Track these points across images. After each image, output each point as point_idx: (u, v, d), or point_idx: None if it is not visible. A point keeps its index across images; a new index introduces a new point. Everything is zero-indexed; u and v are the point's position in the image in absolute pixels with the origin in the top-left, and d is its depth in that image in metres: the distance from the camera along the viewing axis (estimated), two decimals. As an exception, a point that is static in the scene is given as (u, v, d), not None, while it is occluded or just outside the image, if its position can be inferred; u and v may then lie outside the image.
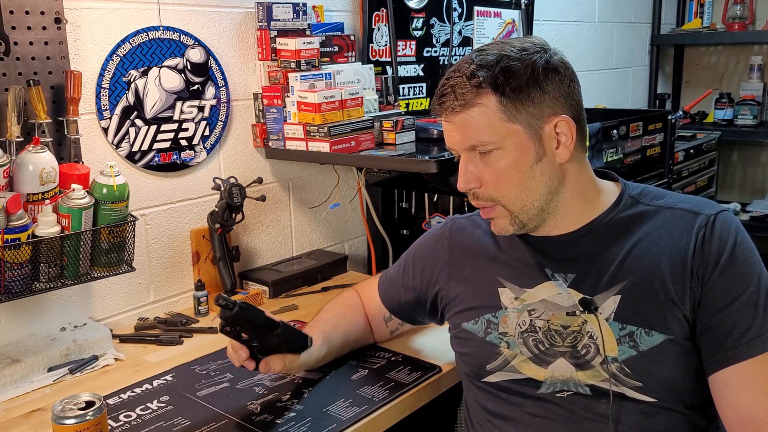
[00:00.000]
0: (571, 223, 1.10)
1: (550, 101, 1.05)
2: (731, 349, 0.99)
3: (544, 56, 1.05)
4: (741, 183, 3.89)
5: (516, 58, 1.03)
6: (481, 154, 1.06)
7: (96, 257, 1.39)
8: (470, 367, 1.17)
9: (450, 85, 1.05)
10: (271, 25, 1.74)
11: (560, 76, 1.06)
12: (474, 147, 1.06)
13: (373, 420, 1.18)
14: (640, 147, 2.32)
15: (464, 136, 1.06)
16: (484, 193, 1.09)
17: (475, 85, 1.03)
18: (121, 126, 1.56)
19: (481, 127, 1.04)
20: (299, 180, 1.97)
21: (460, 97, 1.04)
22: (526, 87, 1.03)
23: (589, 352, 1.05)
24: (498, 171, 1.06)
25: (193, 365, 1.38)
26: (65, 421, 0.97)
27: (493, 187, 1.07)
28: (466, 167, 1.08)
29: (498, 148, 1.04)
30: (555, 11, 2.97)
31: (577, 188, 1.10)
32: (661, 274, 1.03)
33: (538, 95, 1.03)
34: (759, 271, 1.02)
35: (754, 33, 3.60)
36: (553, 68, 1.05)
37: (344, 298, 1.42)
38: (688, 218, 1.06)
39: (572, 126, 1.06)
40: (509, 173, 1.05)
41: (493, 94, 1.02)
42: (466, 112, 1.04)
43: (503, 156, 1.05)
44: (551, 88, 1.04)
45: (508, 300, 1.13)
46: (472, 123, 1.04)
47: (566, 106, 1.06)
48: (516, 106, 1.03)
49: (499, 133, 1.03)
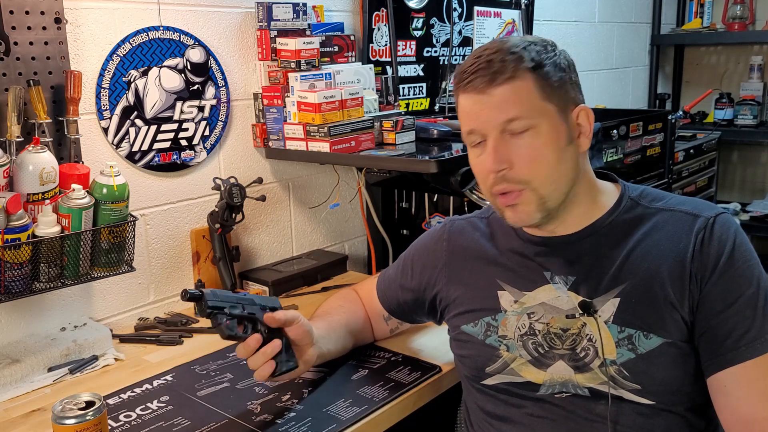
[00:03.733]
0: (574, 222, 1.10)
1: (574, 91, 1.07)
2: (730, 351, 0.99)
3: (562, 51, 1.08)
4: (741, 183, 3.89)
5: (545, 48, 1.05)
6: (512, 135, 1.02)
7: (96, 257, 1.39)
8: (469, 370, 1.17)
9: (486, 60, 1.02)
10: (271, 25, 1.74)
11: (575, 73, 1.09)
12: (510, 121, 1.01)
13: (373, 420, 1.18)
14: (640, 147, 2.32)
15: (500, 111, 1.01)
16: (515, 176, 1.03)
17: (515, 60, 1.01)
18: (121, 126, 1.56)
19: (521, 101, 1.01)
20: (299, 180, 1.97)
21: (500, 70, 1.01)
22: (559, 71, 1.05)
23: (588, 354, 1.05)
24: (533, 149, 1.02)
25: (193, 365, 1.38)
26: (65, 421, 0.97)
27: (526, 167, 1.03)
28: (496, 147, 1.03)
29: (532, 127, 1.02)
30: (555, 11, 2.97)
31: (587, 184, 1.10)
32: (660, 277, 1.03)
33: (568, 81, 1.06)
34: (758, 273, 1.02)
35: (754, 33, 3.60)
36: (572, 63, 1.08)
37: (342, 293, 1.43)
38: (688, 221, 1.06)
39: (591, 117, 1.08)
40: (545, 152, 1.03)
41: (530, 72, 1.02)
42: (505, 85, 1.01)
43: (537, 135, 1.02)
44: (575, 79, 1.08)
45: (508, 303, 1.13)
46: (511, 97, 1.01)
47: (582, 99, 1.09)
48: (551, 86, 1.03)
49: (535, 110, 1.02)
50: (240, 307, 1.15)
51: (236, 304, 1.15)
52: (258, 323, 1.16)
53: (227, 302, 1.13)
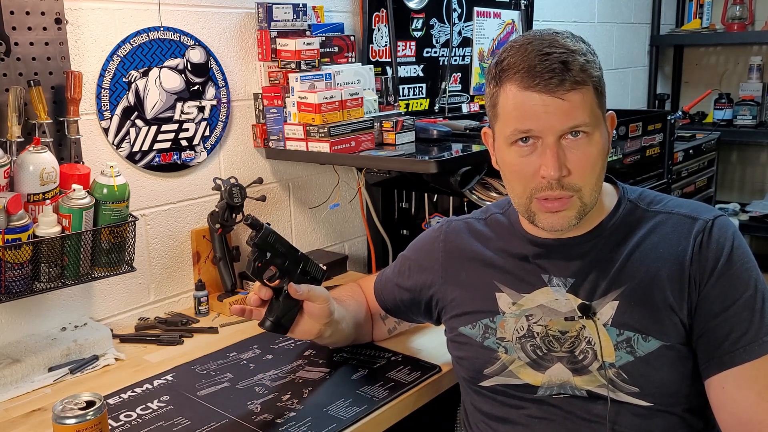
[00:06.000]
0: (580, 226, 1.09)
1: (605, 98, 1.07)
2: (728, 353, 0.99)
3: None
4: (740, 183, 3.90)
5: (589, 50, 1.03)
6: (572, 141, 1.00)
7: (96, 257, 1.39)
8: (467, 372, 1.17)
9: (561, 61, 0.98)
10: (272, 26, 1.75)
11: None
12: (577, 128, 1.00)
13: (373, 420, 1.18)
14: (639, 147, 2.32)
15: (568, 117, 0.99)
16: (571, 182, 1.01)
17: (587, 67, 1.00)
18: (122, 126, 1.56)
19: (588, 108, 1.00)
20: (299, 180, 1.97)
21: (576, 75, 0.98)
22: (601, 77, 1.04)
23: (587, 357, 1.06)
24: (590, 158, 1.01)
25: (194, 365, 1.38)
26: (66, 420, 0.97)
27: (581, 174, 1.01)
28: (556, 153, 1.00)
29: (591, 134, 1.01)
30: (554, 12, 2.98)
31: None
32: (659, 280, 1.03)
33: (605, 90, 1.06)
34: (756, 275, 1.02)
35: (753, 33, 3.60)
36: None
37: (349, 286, 1.44)
38: (686, 223, 1.06)
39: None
40: (597, 160, 1.03)
41: (592, 81, 1.01)
42: (577, 90, 0.99)
43: (591, 142, 1.01)
44: None
45: (506, 305, 1.13)
46: (581, 103, 0.99)
47: None
48: (603, 94, 1.04)
49: (596, 118, 1.02)
50: (284, 259, 1.19)
51: (283, 255, 1.18)
52: (286, 278, 1.20)
53: (275, 249, 1.17)
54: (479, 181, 1.69)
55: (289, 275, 1.20)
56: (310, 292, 1.19)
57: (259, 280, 1.18)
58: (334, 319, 1.25)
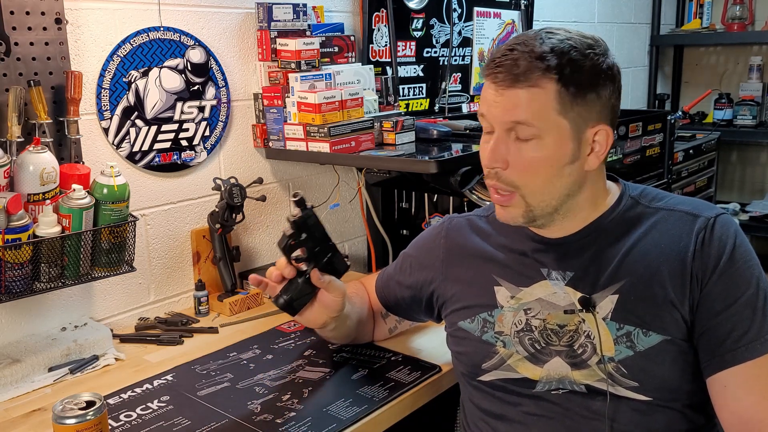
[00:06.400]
0: (575, 225, 1.10)
1: (600, 107, 1.03)
2: (729, 351, 0.99)
3: (607, 60, 1.03)
4: (740, 183, 3.90)
5: (585, 54, 1.01)
6: (518, 138, 1.02)
7: (96, 257, 1.39)
8: (466, 366, 1.17)
9: (514, 57, 0.99)
10: (272, 26, 1.75)
11: (614, 86, 1.04)
12: (516, 125, 1.00)
13: (373, 420, 1.18)
14: (639, 147, 2.32)
15: (509, 111, 1.00)
16: (507, 177, 1.04)
17: (542, 68, 0.98)
18: (122, 126, 1.56)
19: (534, 109, 0.99)
20: (299, 180, 1.97)
21: (523, 73, 0.98)
22: (586, 86, 1.00)
23: (586, 351, 1.06)
24: (531, 160, 1.02)
25: (194, 365, 1.38)
26: (66, 420, 0.97)
27: (519, 174, 1.03)
28: (497, 145, 1.03)
29: (538, 137, 1.01)
30: (554, 12, 2.98)
31: (590, 194, 1.09)
32: (660, 275, 1.03)
33: (593, 98, 1.02)
34: (758, 273, 1.02)
35: (753, 33, 3.60)
36: (612, 75, 1.03)
37: (351, 283, 1.44)
38: (688, 220, 1.06)
39: (611, 138, 1.05)
40: (541, 166, 1.02)
41: (555, 83, 0.99)
42: (524, 88, 0.99)
43: (541, 147, 1.01)
44: (605, 94, 1.03)
45: (504, 299, 1.13)
46: (525, 101, 0.99)
47: (609, 117, 1.05)
48: (571, 102, 1.00)
49: (546, 122, 1.00)
50: (316, 244, 1.19)
51: (317, 240, 1.19)
52: (312, 263, 1.20)
53: (310, 233, 1.18)
54: (479, 181, 1.69)
55: (315, 261, 1.20)
56: (331, 283, 1.20)
57: (287, 257, 1.18)
58: (343, 314, 1.26)
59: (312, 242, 1.19)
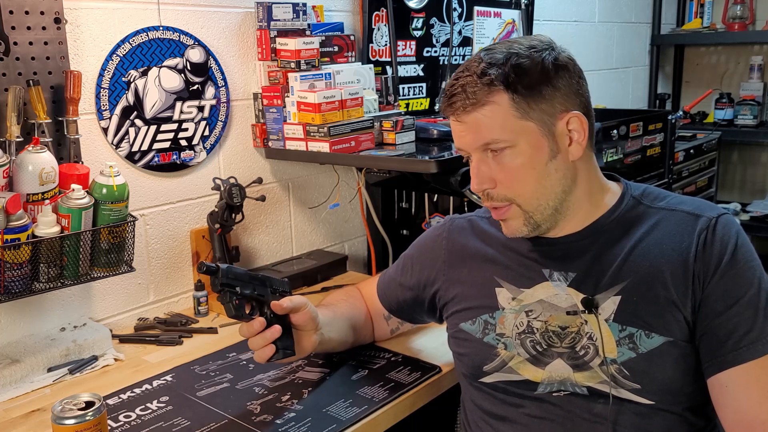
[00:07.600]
0: (576, 224, 1.10)
1: (562, 98, 1.04)
2: (731, 351, 0.99)
3: (552, 53, 1.05)
4: (741, 183, 3.89)
5: (525, 56, 1.03)
6: (494, 154, 1.04)
7: (96, 257, 1.39)
8: (467, 368, 1.17)
9: (460, 85, 1.04)
10: (271, 25, 1.74)
11: (569, 73, 1.06)
12: (487, 146, 1.04)
13: (373, 420, 1.18)
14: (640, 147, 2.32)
15: (476, 136, 1.04)
16: (499, 193, 1.07)
17: (486, 84, 1.02)
18: (121, 126, 1.56)
19: (494, 125, 1.02)
20: (299, 180, 1.97)
21: (471, 96, 1.02)
22: (537, 84, 1.02)
23: (588, 353, 1.05)
24: (513, 170, 1.04)
25: (193, 365, 1.38)
26: (65, 421, 0.97)
27: (508, 186, 1.06)
28: (478, 168, 1.06)
29: (511, 146, 1.03)
30: (555, 11, 2.97)
31: (587, 187, 1.10)
32: (662, 276, 1.03)
33: (550, 92, 1.03)
34: (759, 274, 1.02)
35: (754, 33, 3.60)
36: (562, 65, 1.05)
37: (345, 290, 1.44)
38: (690, 221, 1.06)
39: (584, 122, 1.06)
40: (524, 171, 1.04)
41: (505, 92, 1.01)
42: (478, 110, 1.03)
43: (517, 154, 1.03)
44: (562, 84, 1.04)
45: (506, 300, 1.13)
46: (484, 121, 1.03)
47: (577, 102, 1.06)
48: (528, 104, 1.02)
49: (512, 131, 1.02)
50: (251, 286, 1.17)
51: (248, 283, 1.17)
52: (265, 306, 1.18)
53: (240, 281, 1.16)
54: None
55: (263, 299, 1.18)
56: (291, 302, 1.19)
57: (244, 318, 1.17)
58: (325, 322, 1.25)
59: (248, 288, 1.17)
